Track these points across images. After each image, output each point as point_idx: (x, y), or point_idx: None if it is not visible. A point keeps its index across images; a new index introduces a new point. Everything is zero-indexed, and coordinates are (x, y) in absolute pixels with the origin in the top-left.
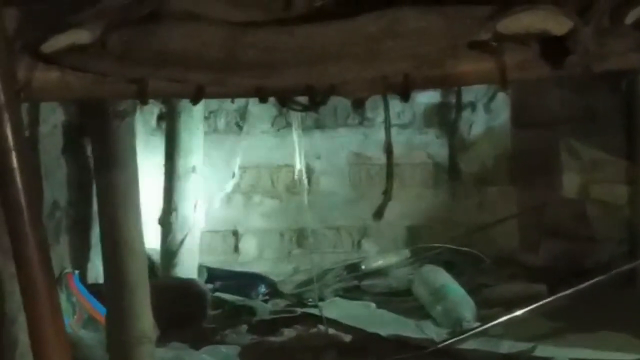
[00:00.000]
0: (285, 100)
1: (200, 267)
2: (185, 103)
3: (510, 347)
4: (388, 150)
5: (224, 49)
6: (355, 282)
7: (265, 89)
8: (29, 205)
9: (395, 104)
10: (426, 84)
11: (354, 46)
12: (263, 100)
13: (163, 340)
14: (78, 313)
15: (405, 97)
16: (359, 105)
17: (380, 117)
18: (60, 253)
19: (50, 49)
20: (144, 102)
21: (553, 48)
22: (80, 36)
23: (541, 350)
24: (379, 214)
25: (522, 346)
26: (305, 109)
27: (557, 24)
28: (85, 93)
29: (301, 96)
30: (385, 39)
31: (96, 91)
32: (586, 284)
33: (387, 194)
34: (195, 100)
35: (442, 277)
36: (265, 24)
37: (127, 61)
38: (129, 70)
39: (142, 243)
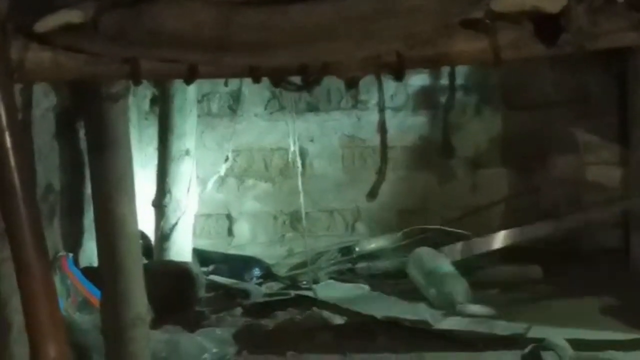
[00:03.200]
0: (278, 81)
1: (194, 251)
2: (178, 86)
3: (505, 328)
4: (382, 129)
5: (217, 29)
6: (349, 264)
7: (259, 68)
8: (23, 186)
9: (388, 87)
10: (419, 64)
11: (347, 25)
12: (256, 80)
13: (157, 322)
14: (72, 296)
15: (398, 76)
16: (352, 85)
17: (373, 100)
18: (54, 236)
19: (43, 28)
20: (137, 83)
21: (546, 27)
22: (73, 16)
23: (535, 331)
24: (373, 193)
25: (516, 327)
26: (298, 88)
27: (550, 2)
28: (78, 73)
29: (295, 76)
30: (379, 18)
31: (89, 71)
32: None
33: (381, 174)
34: (188, 81)
35: (436, 259)
36: (258, 3)
37: (119, 41)
38: (121, 51)
39: (135, 226)
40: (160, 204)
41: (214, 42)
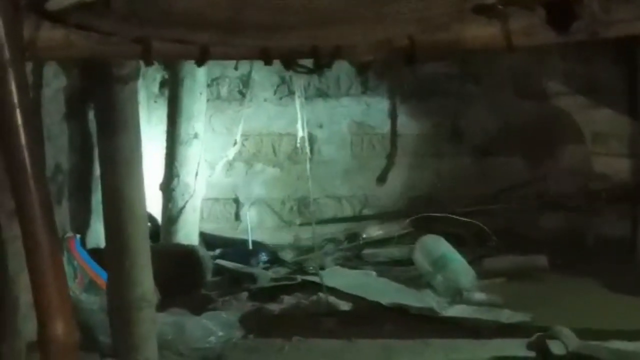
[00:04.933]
0: (289, 63)
1: (201, 234)
2: (187, 70)
3: (510, 317)
4: (393, 115)
5: (230, 9)
6: (356, 250)
7: (270, 50)
8: (33, 165)
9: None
10: (432, 49)
11: (360, 8)
12: (267, 62)
13: (164, 305)
14: (79, 277)
15: (410, 61)
16: (364, 70)
17: (383, 87)
18: (62, 217)
19: (56, 6)
20: (148, 63)
21: (559, 13)
22: None
23: (541, 320)
24: (382, 178)
25: (521, 316)
26: (309, 71)
27: None
28: (90, 52)
29: (306, 58)
30: (392, 2)
31: (101, 51)
32: None
33: (390, 159)
34: (200, 62)
35: (443, 247)
36: None
37: (131, 20)
38: (133, 30)
39: (143, 208)
40: (168, 187)
41: (226, 23)
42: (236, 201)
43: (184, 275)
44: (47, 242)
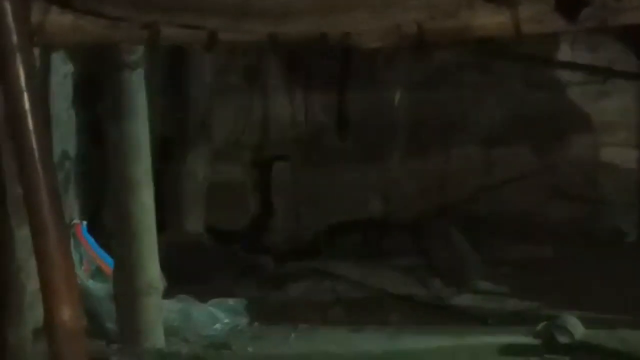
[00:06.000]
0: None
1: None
2: (195, 57)
3: (516, 306)
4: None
5: None
6: (363, 238)
7: (279, 35)
8: (41, 150)
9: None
10: (440, 36)
11: None
12: (275, 49)
13: (170, 292)
14: (85, 263)
15: (419, 48)
16: (372, 57)
17: (391, 76)
18: (69, 203)
19: None
20: (156, 49)
21: (568, 1)
22: None
23: (547, 308)
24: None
25: (528, 305)
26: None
27: None
28: (98, 38)
29: (314, 45)
30: None
31: (109, 36)
32: None
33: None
34: (208, 48)
35: (450, 236)
36: None
37: (140, 5)
38: (142, 15)
39: (151, 195)
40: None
41: (235, 8)
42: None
43: (191, 262)
44: (54, 228)
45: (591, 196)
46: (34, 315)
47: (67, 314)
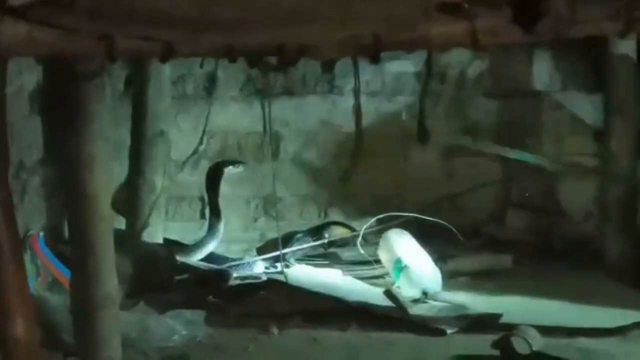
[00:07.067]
0: (254, 61)
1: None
2: (153, 67)
3: (475, 316)
4: (357, 113)
5: (195, 7)
6: (322, 249)
7: (236, 47)
8: None
9: (365, 72)
10: (397, 46)
11: (326, 6)
12: (232, 60)
13: (127, 304)
14: (42, 275)
15: (375, 59)
16: (328, 68)
17: (349, 85)
18: (25, 215)
19: (18, 1)
20: (112, 60)
21: (525, 13)
22: None
23: (505, 318)
24: (345, 176)
25: (486, 315)
26: (274, 69)
27: None
28: (53, 49)
29: (271, 56)
30: (358, 1)
31: (64, 47)
32: None
33: (355, 156)
34: (164, 60)
35: (408, 243)
36: None
37: (95, 17)
38: (97, 27)
39: (108, 206)
40: (133, 186)
41: (191, 21)
42: (201, 199)
43: (148, 274)
44: (7, 240)
45: (550, 206)
46: None
47: (20, 327)
